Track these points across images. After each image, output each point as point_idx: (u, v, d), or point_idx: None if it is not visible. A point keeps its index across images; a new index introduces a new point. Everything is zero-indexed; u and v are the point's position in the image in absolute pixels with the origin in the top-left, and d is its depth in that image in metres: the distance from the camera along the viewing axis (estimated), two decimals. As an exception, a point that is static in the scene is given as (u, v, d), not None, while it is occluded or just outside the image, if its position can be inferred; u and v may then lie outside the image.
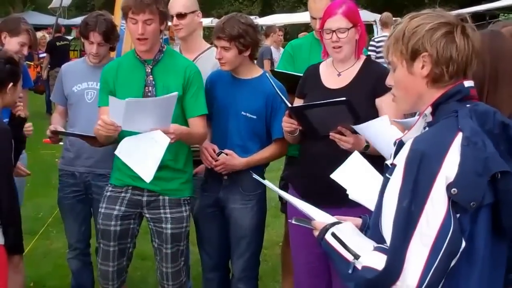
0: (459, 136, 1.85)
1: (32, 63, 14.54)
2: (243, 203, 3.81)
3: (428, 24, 1.96)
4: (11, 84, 3.45)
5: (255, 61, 4.25)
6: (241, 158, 3.73)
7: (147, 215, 3.74)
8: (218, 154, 3.72)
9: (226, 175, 3.77)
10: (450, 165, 1.82)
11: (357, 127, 3.13)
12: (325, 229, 2.13)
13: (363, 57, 3.52)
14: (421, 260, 1.82)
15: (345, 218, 2.25)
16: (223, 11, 32.33)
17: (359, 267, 1.94)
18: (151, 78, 3.63)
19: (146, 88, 3.61)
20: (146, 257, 5.18)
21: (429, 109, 1.99)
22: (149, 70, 3.63)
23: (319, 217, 2.28)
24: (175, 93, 3.40)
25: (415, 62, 1.98)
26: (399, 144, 2.03)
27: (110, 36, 4.10)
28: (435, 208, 1.83)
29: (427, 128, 2.02)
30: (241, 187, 3.80)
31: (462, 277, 1.89)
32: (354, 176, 2.92)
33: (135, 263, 4.01)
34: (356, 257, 1.96)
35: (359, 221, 2.30)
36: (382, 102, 3.33)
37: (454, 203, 1.82)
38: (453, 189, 1.81)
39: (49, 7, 27.07)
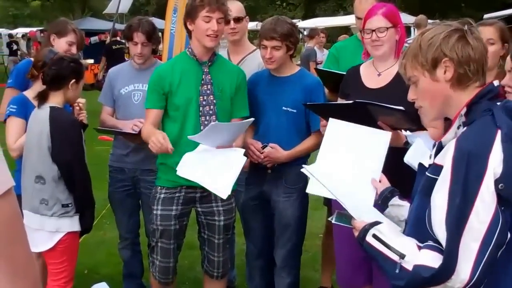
0: (499, 133, 1.89)
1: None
2: (287, 195, 3.82)
3: (441, 33, 2.05)
4: (73, 80, 3.55)
5: (299, 62, 4.26)
6: (284, 151, 3.74)
7: (199, 209, 3.76)
8: (263, 148, 3.74)
9: (270, 168, 3.79)
10: (495, 162, 1.86)
11: (409, 135, 3.12)
12: (365, 230, 2.14)
13: None
14: (472, 254, 1.85)
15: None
16: (267, 16, 32.33)
17: (409, 266, 1.96)
18: (208, 77, 3.65)
19: (204, 86, 3.63)
20: (193, 246, 5.19)
21: (464, 109, 2.01)
22: (207, 70, 3.66)
23: (357, 212, 2.29)
24: (252, 119, 3.50)
25: (437, 69, 2.05)
26: (439, 146, 2.07)
27: (152, 36, 4.13)
28: (485, 204, 1.85)
29: (462, 128, 2.02)
30: (285, 180, 3.81)
31: (501, 267, 1.92)
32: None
33: (183, 253, 4.04)
34: (402, 256, 1.98)
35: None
36: None
37: (499, 197, 1.86)
38: (500, 185, 1.85)
39: (104, 12, 27.48)
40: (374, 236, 2.09)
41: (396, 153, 2.92)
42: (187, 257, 5.07)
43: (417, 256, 1.96)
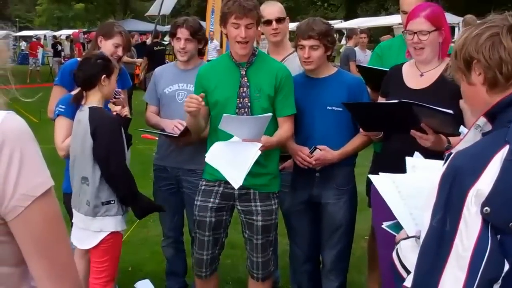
0: (505, 149, 1.60)
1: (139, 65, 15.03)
2: (337, 197, 3.77)
3: (473, 32, 1.80)
4: (104, 76, 3.56)
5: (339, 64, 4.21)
6: (335, 152, 3.68)
7: (239, 207, 3.73)
8: (312, 151, 3.68)
9: (318, 171, 3.73)
10: (485, 181, 1.57)
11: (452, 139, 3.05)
12: (397, 243, 2.07)
13: (447, 59, 3.38)
14: (458, 286, 1.57)
15: None
16: (309, 16, 32.22)
17: (408, 284, 1.79)
18: (245, 80, 3.62)
19: (241, 89, 3.60)
20: (236, 246, 5.17)
21: (482, 119, 1.78)
22: (244, 72, 3.62)
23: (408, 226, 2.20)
24: (269, 115, 3.43)
25: (471, 72, 1.81)
26: (448, 157, 1.79)
27: (198, 32, 4.11)
28: (468, 227, 1.57)
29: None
30: (335, 182, 3.76)
31: None
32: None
33: (225, 251, 4.01)
34: (409, 273, 1.85)
35: None
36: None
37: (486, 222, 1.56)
38: (485, 208, 1.55)
39: (146, 14, 27.81)
40: (397, 251, 2.02)
41: (437, 157, 2.84)
42: (230, 256, 5.05)
43: (409, 277, 1.80)
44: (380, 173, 2.61)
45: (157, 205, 3.93)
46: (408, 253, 1.95)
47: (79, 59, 4.41)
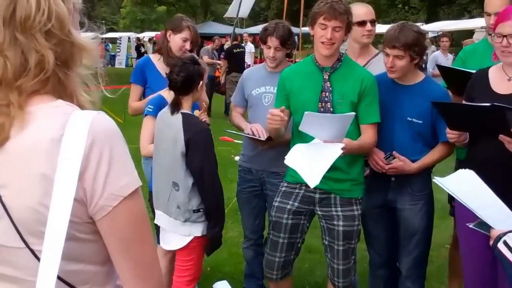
0: None
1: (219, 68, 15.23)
2: (412, 203, 3.66)
3: None
4: (201, 82, 3.58)
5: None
6: (413, 164, 3.58)
7: (319, 212, 3.67)
8: (387, 157, 3.59)
9: (394, 176, 3.64)
10: None
11: None
12: (499, 238, 2.08)
13: None
14: None
15: None
16: (389, 19, 31.77)
17: None
18: (328, 85, 3.56)
19: (323, 93, 3.55)
20: (313, 250, 5.13)
21: None
22: (327, 77, 3.57)
23: (495, 222, 2.21)
24: (352, 114, 3.35)
25: None
26: None
27: (287, 41, 4.08)
28: None
29: None
30: (410, 188, 3.65)
31: None
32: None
33: (303, 255, 3.97)
34: None
35: None
36: None
37: None
38: None
39: (224, 16, 28.10)
40: (505, 242, 2.03)
41: None
42: (307, 261, 5.01)
43: None
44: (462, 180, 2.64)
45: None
46: None
47: (151, 55, 4.50)
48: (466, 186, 2.71)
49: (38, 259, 1.26)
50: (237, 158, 6.69)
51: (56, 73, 1.31)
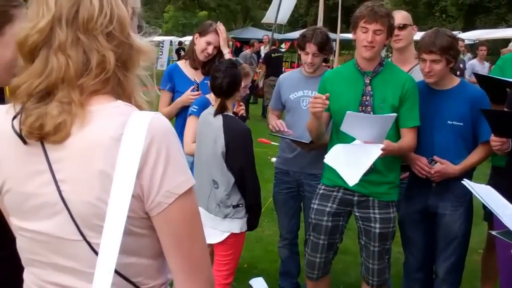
0: None
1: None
2: (453, 208, 3.66)
3: None
4: (242, 85, 3.70)
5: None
6: (456, 166, 3.59)
7: (357, 214, 3.71)
8: (429, 163, 3.61)
9: (436, 182, 3.65)
10: None
11: None
12: None
13: None
14: None
15: None
16: (426, 27, 31.36)
17: None
18: (369, 89, 3.58)
19: (364, 97, 3.58)
20: (348, 251, 5.15)
21: None
22: (368, 81, 3.60)
23: None
24: (394, 114, 3.37)
25: None
26: None
27: (325, 47, 4.11)
28: None
29: None
30: (452, 193, 3.65)
31: None
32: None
33: (336, 257, 3.99)
34: None
35: None
36: None
37: None
38: None
39: (262, 21, 28.11)
40: None
41: None
42: (341, 262, 5.02)
43: None
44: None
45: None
46: None
47: (179, 62, 4.56)
48: (491, 196, 2.72)
49: (95, 251, 1.29)
50: (273, 159, 6.74)
51: (116, 74, 1.34)
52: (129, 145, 1.26)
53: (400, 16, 4.13)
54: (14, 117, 1.32)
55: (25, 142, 1.32)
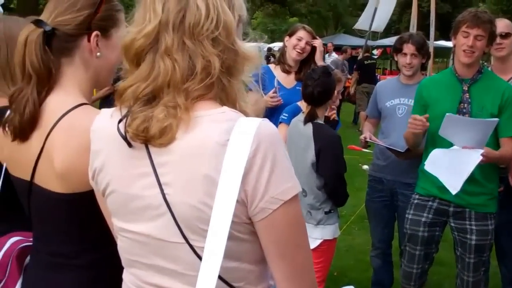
0: None
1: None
2: None
3: None
4: (335, 92, 3.66)
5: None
6: None
7: (452, 224, 3.58)
8: None
9: None
10: None
11: None
12: None
13: None
14: None
15: None
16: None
17: None
18: (467, 96, 3.47)
19: (461, 104, 3.46)
20: (443, 263, 4.98)
21: None
22: (466, 88, 3.48)
23: None
24: (496, 119, 3.25)
25: None
26: None
27: (423, 47, 4.05)
28: None
29: None
30: None
31: None
32: None
33: (432, 268, 3.87)
34: None
35: None
36: None
37: None
38: None
39: (353, 27, 27.82)
40: None
41: None
42: (436, 273, 4.86)
43: None
44: None
45: None
46: None
47: (270, 65, 4.55)
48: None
49: (197, 254, 1.28)
50: (364, 167, 6.62)
51: (220, 80, 1.32)
52: (236, 149, 1.24)
53: (503, 24, 4.00)
54: (120, 120, 1.33)
55: (130, 145, 1.32)
